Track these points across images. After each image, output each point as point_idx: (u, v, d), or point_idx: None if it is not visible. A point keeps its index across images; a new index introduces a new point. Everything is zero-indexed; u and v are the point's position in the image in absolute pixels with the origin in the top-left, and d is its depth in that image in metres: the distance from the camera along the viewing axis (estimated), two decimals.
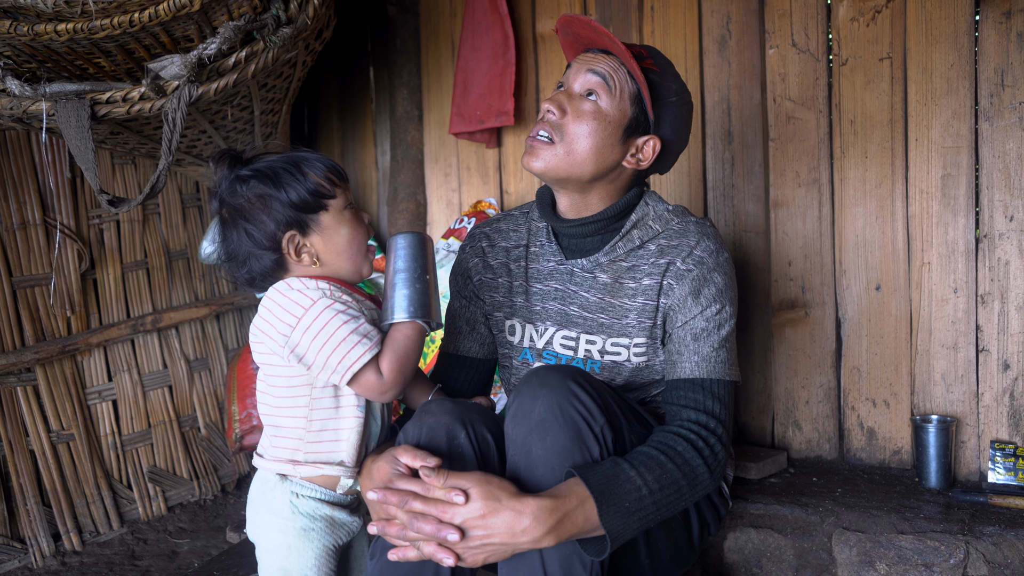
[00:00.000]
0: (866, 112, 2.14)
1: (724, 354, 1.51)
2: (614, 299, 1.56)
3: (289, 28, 1.95)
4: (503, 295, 1.68)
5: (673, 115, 1.56)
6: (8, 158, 2.37)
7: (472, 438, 1.35)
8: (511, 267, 1.68)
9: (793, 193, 2.24)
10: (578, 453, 1.28)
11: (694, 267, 1.51)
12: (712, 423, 1.45)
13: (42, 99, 1.87)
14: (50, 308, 2.42)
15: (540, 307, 1.63)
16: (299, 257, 1.36)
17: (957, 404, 2.07)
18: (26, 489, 2.30)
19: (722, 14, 2.33)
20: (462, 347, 1.72)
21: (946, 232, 2.07)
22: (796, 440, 2.27)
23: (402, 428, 1.39)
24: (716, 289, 1.51)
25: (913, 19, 2.08)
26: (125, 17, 1.71)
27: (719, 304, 1.51)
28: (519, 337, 1.66)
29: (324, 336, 1.27)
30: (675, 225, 1.57)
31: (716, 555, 1.91)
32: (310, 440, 1.35)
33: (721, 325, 1.51)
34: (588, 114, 1.51)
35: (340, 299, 1.32)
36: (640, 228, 1.57)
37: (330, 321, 1.28)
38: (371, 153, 3.06)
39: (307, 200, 1.34)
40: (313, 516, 1.37)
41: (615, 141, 1.53)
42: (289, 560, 1.35)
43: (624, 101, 1.52)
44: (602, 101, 1.51)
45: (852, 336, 2.19)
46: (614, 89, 1.51)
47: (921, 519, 1.79)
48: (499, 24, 2.61)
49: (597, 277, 1.58)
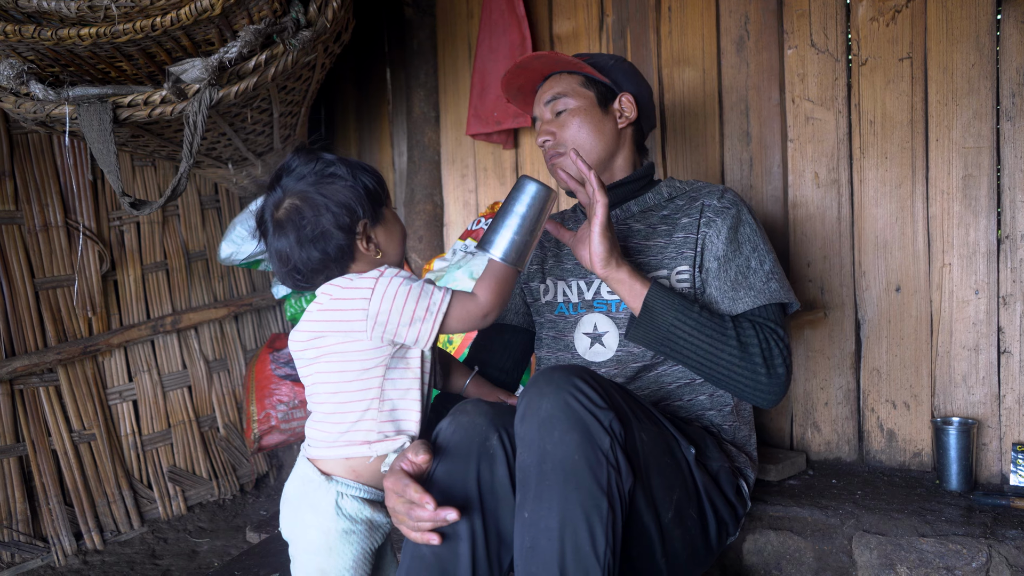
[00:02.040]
0: (886, 112, 2.13)
1: (775, 284, 1.62)
2: (650, 241, 1.70)
3: (308, 31, 1.96)
4: (536, 264, 1.85)
5: (623, 73, 1.78)
6: (31, 161, 2.39)
7: (504, 441, 1.37)
8: (543, 242, 1.86)
9: (812, 194, 2.23)
10: (588, 446, 1.28)
11: (730, 205, 1.66)
12: (779, 342, 1.55)
13: (65, 103, 1.89)
14: (72, 309, 2.45)
15: (573, 264, 1.77)
16: (367, 247, 1.39)
17: (978, 406, 2.06)
18: (48, 488, 2.33)
19: (740, 14, 2.32)
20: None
21: (967, 233, 2.05)
22: (815, 442, 2.26)
23: (438, 424, 1.41)
24: (750, 228, 1.66)
25: (933, 19, 2.06)
26: (147, 21, 1.72)
27: (757, 241, 1.65)
28: (551, 294, 1.79)
29: (402, 296, 1.33)
30: (700, 184, 1.76)
31: (735, 557, 1.90)
32: (382, 420, 1.38)
33: (763, 260, 1.64)
34: (568, 119, 1.74)
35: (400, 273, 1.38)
36: (668, 186, 1.76)
37: (403, 283, 1.34)
38: (388, 154, 3.07)
39: (377, 192, 1.40)
40: (355, 519, 1.37)
41: (600, 116, 1.74)
42: (329, 561, 1.36)
43: (581, 90, 1.74)
44: (569, 105, 1.74)
45: (872, 337, 2.18)
46: (569, 91, 1.74)
47: (942, 522, 1.78)
48: (516, 25, 2.61)
49: (632, 226, 1.73)
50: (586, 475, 1.27)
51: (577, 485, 1.26)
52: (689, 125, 2.41)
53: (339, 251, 1.36)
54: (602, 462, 1.28)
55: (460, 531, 1.33)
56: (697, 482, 1.51)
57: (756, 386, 1.54)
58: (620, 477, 1.30)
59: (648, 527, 1.40)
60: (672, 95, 2.44)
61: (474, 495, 1.35)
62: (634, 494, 1.35)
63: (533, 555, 1.27)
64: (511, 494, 1.36)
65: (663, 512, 1.43)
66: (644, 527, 1.40)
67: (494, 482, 1.36)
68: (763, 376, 1.53)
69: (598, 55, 1.81)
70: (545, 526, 1.26)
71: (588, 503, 1.26)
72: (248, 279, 2.92)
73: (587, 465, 1.27)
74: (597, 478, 1.27)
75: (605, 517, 1.26)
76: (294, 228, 1.35)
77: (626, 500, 1.32)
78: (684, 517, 1.47)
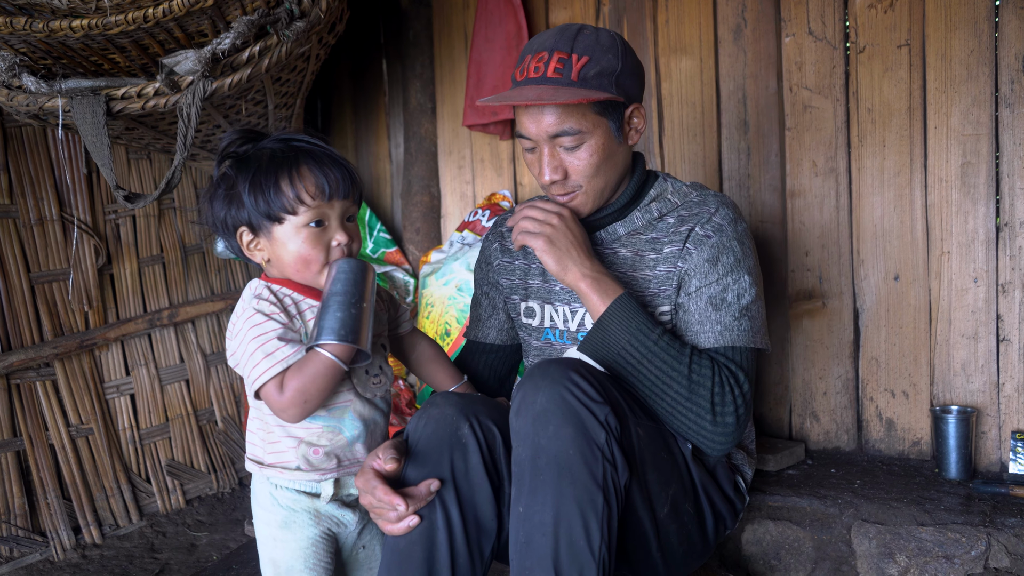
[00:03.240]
0: (884, 100, 2.12)
1: (746, 323, 1.50)
2: (636, 272, 1.57)
3: (302, 22, 1.94)
4: (519, 277, 1.71)
5: (629, 75, 1.50)
6: (25, 154, 2.38)
7: (476, 429, 1.37)
8: (529, 250, 1.69)
9: (810, 183, 2.22)
10: (583, 441, 1.28)
11: (713, 233, 1.51)
12: (736, 389, 1.45)
13: (58, 95, 1.88)
14: (68, 303, 2.44)
15: (560, 287, 1.64)
16: (251, 252, 1.38)
17: (977, 394, 2.05)
18: (46, 483, 2.32)
19: (737, 2, 2.30)
20: (481, 333, 1.78)
21: (966, 221, 2.05)
22: (814, 431, 2.26)
23: (408, 420, 1.41)
24: (735, 258, 1.51)
25: (932, 5, 2.05)
26: (139, 13, 1.71)
27: (737, 274, 1.51)
28: (538, 318, 1.68)
29: (241, 348, 1.30)
30: (694, 197, 1.58)
31: (734, 547, 1.90)
32: (270, 442, 1.37)
33: (741, 295, 1.50)
34: (583, 156, 1.48)
35: (266, 310, 1.31)
36: (659, 201, 1.59)
37: (246, 334, 1.29)
38: (384, 146, 3.06)
39: (263, 209, 1.33)
40: (293, 508, 1.37)
41: (615, 148, 1.52)
42: (276, 551, 1.37)
43: (595, 118, 1.48)
44: (584, 140, 1.48)
45: (870, 326, 2.17)
46: (583, 126, 1.46)
47: (941, 511, 1.78)
48: (512, 15, 2.59)
49: (618, 252, 1.59)
50: (581, 469, 1.26)
51: (572, 480, 1.26)
52: (687, 114, 2.40)
53: (234, 249, 1.40)
54: (597, 456, 1.27)
55: (437, 521, 1.33)
56: (694, 477, 1.51)
57: (699, 430, 1.45)
58: (616, 471, 1.29)
59: (643, 521, 1.40)
60: (669, 84, 2.43)
61: (449, 485, 1.35)
62: (630, 489, 1.34)
63: (528, 550, 1.26)
64: (486, 482, 1.37)
65: (659, 507, 1.42)
66: (639, 521, 1.39)
67: (468, 471, 1.36)
68: (707, 422, 1.44)
69: (604, 49, 1.47)
70: (539, 520, 1.26)
71: (583, 497, 1.25)
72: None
73: (582, 459, 1.26)
74: (592, 472, 1.26)
75: (600, 511, 1.26)
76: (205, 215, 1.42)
77: (622, 495, 1.31)
78: (680, 512, 1.47)
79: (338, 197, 1.35)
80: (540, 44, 1.49)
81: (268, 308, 1.32)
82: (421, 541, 1.32)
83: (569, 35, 1.48)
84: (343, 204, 1.37)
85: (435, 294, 2.58)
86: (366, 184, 3.11)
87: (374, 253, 2.90)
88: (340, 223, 1.37)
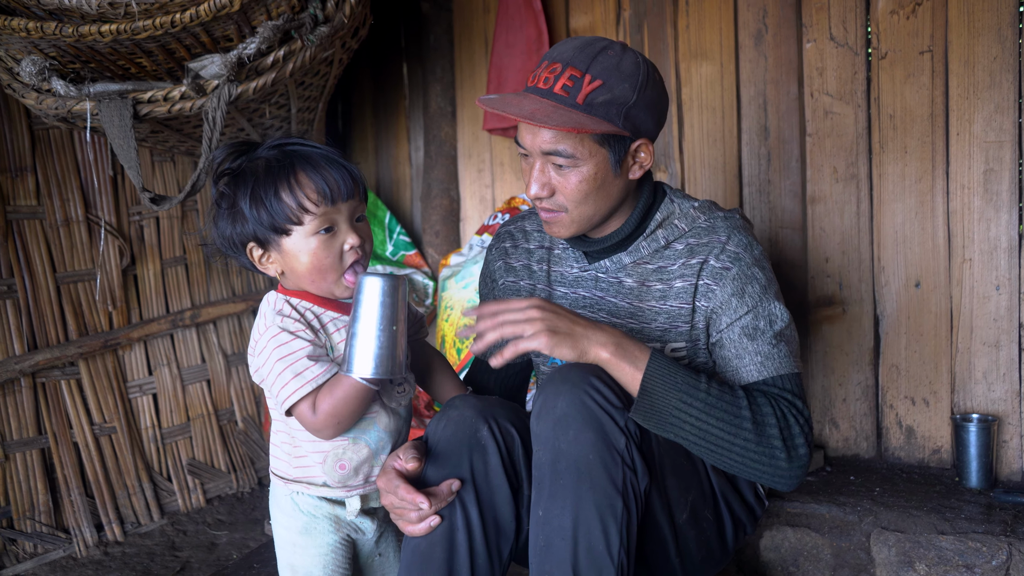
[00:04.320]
0: (906, 106, 2.11)
1: (784, 348, 1.43)
2: (642, 303, 1.51)
3: (326, 27, 1.96)
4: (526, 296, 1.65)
5: (643, 109, 1.41)
6: (52, 156, 2.41)
7: (495, 431, 1.36)
8: (533, 268, 1.64)
9: (830, 189, 2.22)
10: (603, 445, 1.28)
11: (732, 264, 1.44)
12: (797, 414, 1.38)
13: (86, 99, 1.90)
14: (93, 303, 2.47)
15: None
16: (263, 263, 1.35)
17: (999, 403, 2.04)
18: (70, 480, 2.35)
19: (758, 8, 2.30)
20: (487, 352, 1.72)
21: (988, 228, 2.04)
22: (833, 438, 2.25)
23: (427, 423, 1.41)
24: (760, 286, 1.44)
25: (955, 11, 2.04)
26: (167, 18, 1.73)
27: (767, 301, 1.44)
28: None
29: (267, 366, 1.29)
30: (702, 222, 1.50)
31: (752, 553, 1.90)
32: (297, 456, 1.37)
33: (773, 321, 1.44)
34: (572, 179, 1.41)
35: (291, 328, 1.29)
36: (665, 228, 1.51)
37: (272, 353, 1.28)
38: (404, 149, 3.08)
39: (267, 222, 1.29)
40: (314, 514, 1.38)
41: (611, 179, 1.43)
42: (295, 557, 1.37)
43: (593, 147, 1.39)
44: (577, 165, 1.40)
45: (891, 333, 2.16)
46: (577, 151, 1.38)
47: (962, 519, 1.77)
48: (533, 20, 2.60)
49: (623, 282, 1.53)
50: (601, 474, 1.26)
51: (591, 484, 1.26)
52: (707, 120, 2.40)
53: (246, 265, 1.37)
54: (617, 461, 1.28)
55: (457, 522, 1.34)
56: (713, 484, 1.51)
57: (775, 472, 1.36)
58: (636, 477, 1.29)
59: (662, 527, 1.40)
60: (689, 89, 2.43)
61: (468, 486, 1.35)
62: (649, 494, 1.34)
63: (547, 553, 1.27)
64: (505, 483, 1.37)
65: (678, 513, 1.42)
66: (658, 527, 1.40)
67: (488, 472, 1.36)
68: (783, 461, 1.35)
69: (621, 76, 1.39)
70: (558, 525, 1.26)
71: (602, 503, 1.26)
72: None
73: (602, 464, 1.27)
74: (612, 477, 1.27)
75: (620, 517, 1.26)
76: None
77: (641, 500, 1.31)
78: (699, 518, 1.47)
79: (342, 199, 1.30)
80: (559, 53, 1.41)
81: (293, 326, 1.29)
82: (441, 542, 1.33)
83: (591, 52, 1.39)
84: (349, 205, 1.32)
85: (454, 297, 2.59)
86: (385, 187, 3.13)
87: (394, 256, 2.92)
88: (350, 225, 1.32)
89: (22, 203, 2.37)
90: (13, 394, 2.30)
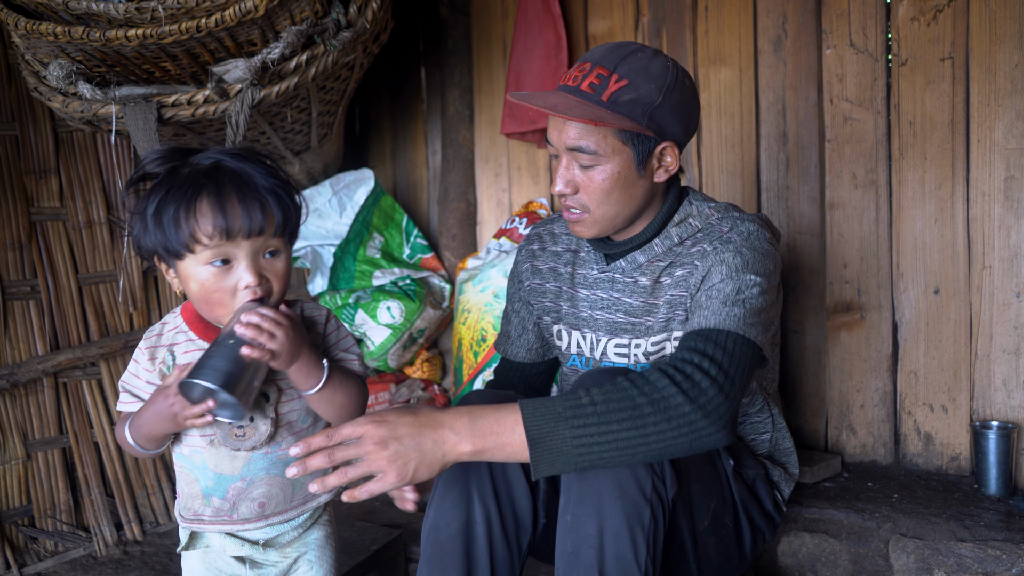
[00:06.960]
0: (926, 113, 2.11)
1: (739, 310, 1.35)
2: (657, 300, 1.52)
3: (349, 32, 1.98)
4: (550, 300, 1.68)
5: (669, 111, 1.43)
6: (75, 158, 2.44)
7: None
8: (560, 271, 1.67)
9: (849, 195, 2.22)
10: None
11: (721, 245, 1.44)
12: (705, 363, 1.27)
13: (112, 102, 1.93)
14: (114, 304, 2.49)
15: (588, 314, 1.61)
16: (171, 280, 1.28)
17: (1018, 410, 2.03)
18: (90, 479, 2.37)
19: (778, 14, 2.31)
20: (511, 351, 1.77)
21: (1008, 235, 2.03)
22: (851, 444, 2.25)
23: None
24: (743, 260, 1.41)
25: (976, 18, 2.04)
26: (192, 23, 1.75)
27: (744, 272, 1.39)
28: (566, 343, 1.66)
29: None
30: (714, 220, 1.51)
31: (769, 559, 1.90)
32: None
33: (742, 290, 1.37)
34: (595, 178, 1.44)
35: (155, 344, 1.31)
36: (680, 226, 1.53)
37: (128, 367, 1.34)
38: (422, 153, 3.09)
39: (160, 241, 1.21)
40: None
41: (634, 179, 1.45)
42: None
43: (616, 144, 1.42)
44: (599, 162, 1.43)
45: (909, 340, 2.16)
46: (601, 148, 1.42)
47: (981, 527, 1.76)
48: (552, 25, 2.61)
49: (638, 281, 1.54)
50: (629, 482, 1.27)
51: (620, 492, 1.26)
52: (725, 125, 2.41)
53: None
54: (646, 469, 1.28)
55: (476, 516, 1.35)
56: (734, 492, 1.51)
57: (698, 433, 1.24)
58: (664, 485, 1.30)
59: (683, 533, 1.41)
60: (708, 95, 2.43)
61: (486, 480, 1.36)
62: (673, 500, 1.35)
63: (575, 560, 1.28)
64: (523, 476, 1.38)
65: (699, 520, 1.43)
66: (680, 533, 1.40)
67: (505, 466, 1.37)
68: (699, 420, 1.23)
69: (648, 77, 1.41)
70: (586, 532, 1.27)
71: (630, 511, 1.26)
72: None
73: (630, 472, 1.27)
74: (640, 485, 1.27)
75: (647, 525, 1.27)
76: None
77: (668, 508, 1.31)
78: (719, 525, 1.47)
79: (243, 235, 1.18)
80: (591, 54, 1.45)
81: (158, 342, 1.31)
82: (460, 535, 1.34)
83: (620, 53, 1.43)
84: (254, 241, 1.20)
85: (472, 300, 2.60)
86: (403, 190, 3.15)
87: (411, 259, 2.93)
88: (251, 262, 1.20)
89: (46, 205, 2.40)
90: (36, 394, 2.33)
